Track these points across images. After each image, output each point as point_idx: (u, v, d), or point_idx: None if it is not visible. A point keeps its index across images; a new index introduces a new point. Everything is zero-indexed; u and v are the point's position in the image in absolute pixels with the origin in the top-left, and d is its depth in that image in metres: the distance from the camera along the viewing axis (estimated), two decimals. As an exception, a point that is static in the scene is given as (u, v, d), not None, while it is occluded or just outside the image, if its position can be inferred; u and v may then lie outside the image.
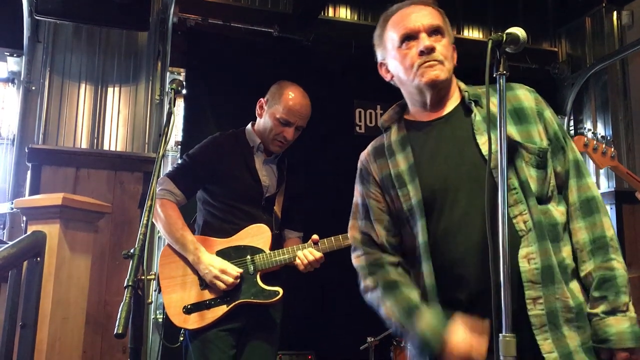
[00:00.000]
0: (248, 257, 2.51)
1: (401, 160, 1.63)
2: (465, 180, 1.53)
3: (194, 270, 2.47)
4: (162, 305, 2.49)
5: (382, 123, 1.76)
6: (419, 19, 1.62)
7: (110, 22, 3.83)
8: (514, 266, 1.38)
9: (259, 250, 2.52)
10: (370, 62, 1.81)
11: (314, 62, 4.21)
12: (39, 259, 2.45)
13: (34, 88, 3.91)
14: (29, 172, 3.68)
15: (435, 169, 1.58)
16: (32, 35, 3.89)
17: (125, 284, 1.61)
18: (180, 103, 4.01)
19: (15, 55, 3.94)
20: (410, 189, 1.58)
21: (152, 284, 2.47)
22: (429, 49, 1.58)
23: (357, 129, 4.36)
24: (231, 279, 2.41)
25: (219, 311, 2.43)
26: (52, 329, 2.43)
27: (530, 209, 1.47)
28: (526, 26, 1.52)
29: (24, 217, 2.99)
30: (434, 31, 1.62)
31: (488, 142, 1.44)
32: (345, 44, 4.37)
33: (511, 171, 1.49)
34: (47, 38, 3.94)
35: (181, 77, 4.01)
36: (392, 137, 1.69)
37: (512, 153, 1.51)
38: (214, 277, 2.41)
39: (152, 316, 3.72)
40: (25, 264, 2.44)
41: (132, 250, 1.68)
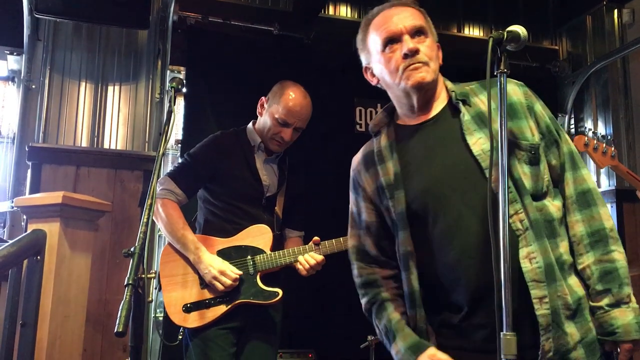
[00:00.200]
0: (249, 257, 2.50)
1: (390, 168, 1.62)
2: (457, 182, 1.52)
3: (194, 269, 2.47)
4: (162, 304, 2.49)
5: (372, 128, 1.73)
6: (400, 21, 1.60)
7: (110, 21, 3.83)
8: (514, 266, 1.36)
9: (259, 251, 2.52)
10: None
11: (314, 60, 4.19)
12: (39, 257, 2.45)
13: (34, 86, 3.91)
14: (29, 171, 3.68)
15: (426, 173, 1.56)
16: (32, 33, 3.89)
17: (125, 283, 1.61)
18: (180, 101, 4.01)
19: (15, 54, 3.93)
20: (395, 199, 1.58)
21: (153, 282, 2.49)
22: (412, 51, 1.56)
23: (357, 127, 4.35)
24: (229, 281, 2.41)
25: (218, 310, 2.44)
26: (53, 327, 2.43)
27: (525, 207, 1.46)
28: (527, 24, 1.50)
29: (24, 216, 2.99)
30: (416, 32, 1.59)
31: (490, 141, 1.42)
32: (345, 42, 4.28)
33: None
34: (47, 36, 3.94)
35: (181, 76, 3.99)
36: (382, 143, 1.67)
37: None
38: (212, 278, 2.41)
39: (152, 315, 3.72)
40: (25, 262, 2.44)
41: (132, 249, 1.68)
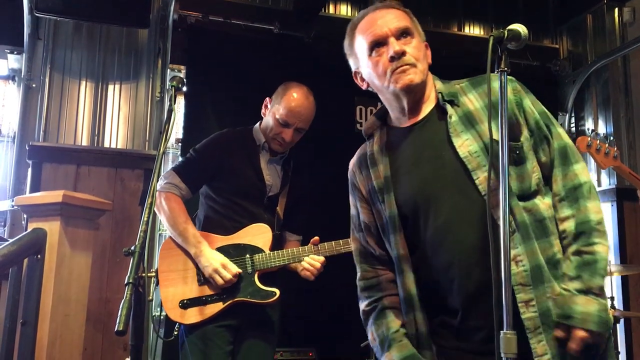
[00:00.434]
0: (247, 256, 2.50)
1: (381, 172, 1.61)
2: (446, 185, 1.51)
3: (193, 264, 2.47)
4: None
5: (365, 131, 1.73)
6: (385, 23, 1.58)
7: (110, 20, 3.83)
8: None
9: (258, 250, 2.51)
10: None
11: (314, 59, 4.19)
12: (39, 256, 2.45)
13: (34, 85, 3.91)
14: (29, 170, 3.69)
15: (415, 176, 1.56)
16: (32, 32, 3.89)
17: (125, 281, 1.61)
18: (180, 100, 4.00)
19: (15, 53, 3.94)
20: (386, 203, 1.57)
21: (153, 281, 2.49)
22: (398, 53, 1.54)
23: (357, 126, 4.35)
24: (229, 275, 2.40)
25: (214, 308, 2.43)
26: (53, 326, 2.43)
27: (512, 209, 1.42)
28: (527, 23, 1.49)
29: (24, 215, 2.99)
30: (402, 34, 1.58)
31: (490, 140, 1.40)
32: (346, 41, 4.35)
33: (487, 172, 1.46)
34: (48, 35, 3.94)
35: (182, 75, 4.00)
36: (375, 146, 1.67)
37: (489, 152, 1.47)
38: (213, 271, 2.40)
39: (153, 313, 3.72)
40: (25, 261, 2.43)
41: (132, 248, 1.68)
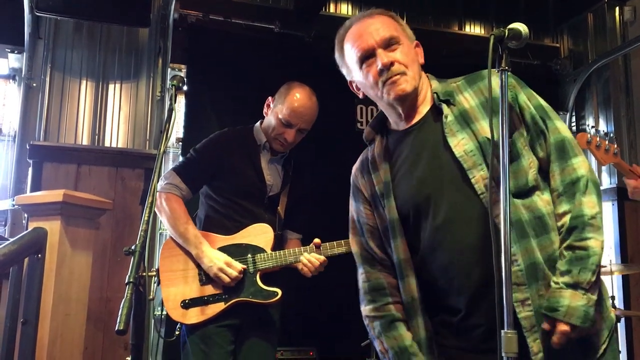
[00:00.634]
0: (249, 255, 2.50)
1: (381, 177, 1.62)
2: (443, 185, 1.51)
3: (195, 264, 2.47)
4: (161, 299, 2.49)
5: (366, 137, 1.74)
6: (370, 35, 1.58)
7: (111, 19, 3.83)
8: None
9: (260, 250, 2.51)
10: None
11: (315, 58, 4.18)
12: (40, 255, 2.45)
13: (34, 85, 3.91)
14: (30, 169, 3.69)
15: (413, 179, 1.56)
16: (33, 31, 3.89)
17: (126, 281, 1.61)
18: (181, 99, 4.00)
19: (16, 52, 3.94)
20: (387, 208, 1.58)
21: (154, 280, 2.49)
22: (387, 65, 1.55)
23: (358, 125, 4.35)
24: (235, 272, 2.40)
25: (216, 308, 2.43)
26: (54, 325, 2.43)
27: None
28: (528, 22, 1.48)
29: (25, 214, 2.99)
30: (389, 42, 1.58)
31: (491, 138, 1.41)
32: (346, 40, 4.35)
33: (483, 171, 1.46)
34: (48, 34, 3.94)
35: (182, 74, 3.99)
36: (376, 150, 1.68)
37: (484, 151, 1.47)
38: (218, 270, 2.39)
39: (154, 312, 3.72)
40: (26, 260, 2.44)
41: (133, 247, 1.68)
